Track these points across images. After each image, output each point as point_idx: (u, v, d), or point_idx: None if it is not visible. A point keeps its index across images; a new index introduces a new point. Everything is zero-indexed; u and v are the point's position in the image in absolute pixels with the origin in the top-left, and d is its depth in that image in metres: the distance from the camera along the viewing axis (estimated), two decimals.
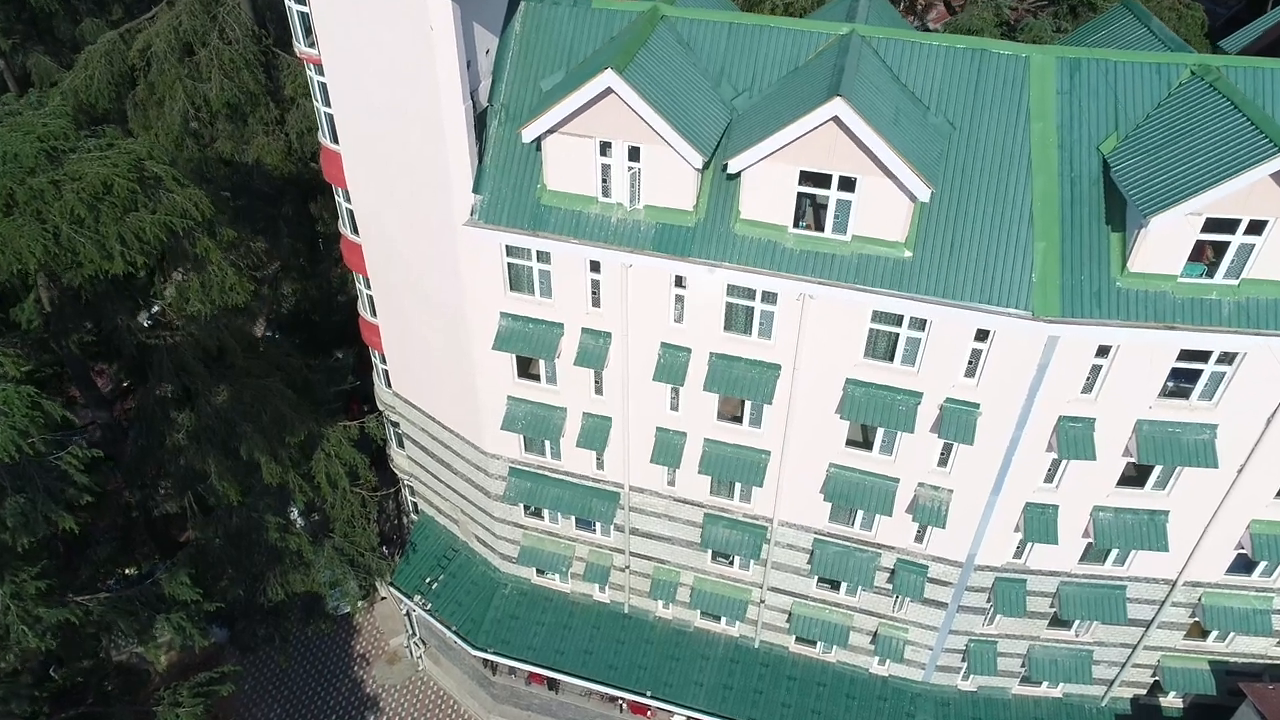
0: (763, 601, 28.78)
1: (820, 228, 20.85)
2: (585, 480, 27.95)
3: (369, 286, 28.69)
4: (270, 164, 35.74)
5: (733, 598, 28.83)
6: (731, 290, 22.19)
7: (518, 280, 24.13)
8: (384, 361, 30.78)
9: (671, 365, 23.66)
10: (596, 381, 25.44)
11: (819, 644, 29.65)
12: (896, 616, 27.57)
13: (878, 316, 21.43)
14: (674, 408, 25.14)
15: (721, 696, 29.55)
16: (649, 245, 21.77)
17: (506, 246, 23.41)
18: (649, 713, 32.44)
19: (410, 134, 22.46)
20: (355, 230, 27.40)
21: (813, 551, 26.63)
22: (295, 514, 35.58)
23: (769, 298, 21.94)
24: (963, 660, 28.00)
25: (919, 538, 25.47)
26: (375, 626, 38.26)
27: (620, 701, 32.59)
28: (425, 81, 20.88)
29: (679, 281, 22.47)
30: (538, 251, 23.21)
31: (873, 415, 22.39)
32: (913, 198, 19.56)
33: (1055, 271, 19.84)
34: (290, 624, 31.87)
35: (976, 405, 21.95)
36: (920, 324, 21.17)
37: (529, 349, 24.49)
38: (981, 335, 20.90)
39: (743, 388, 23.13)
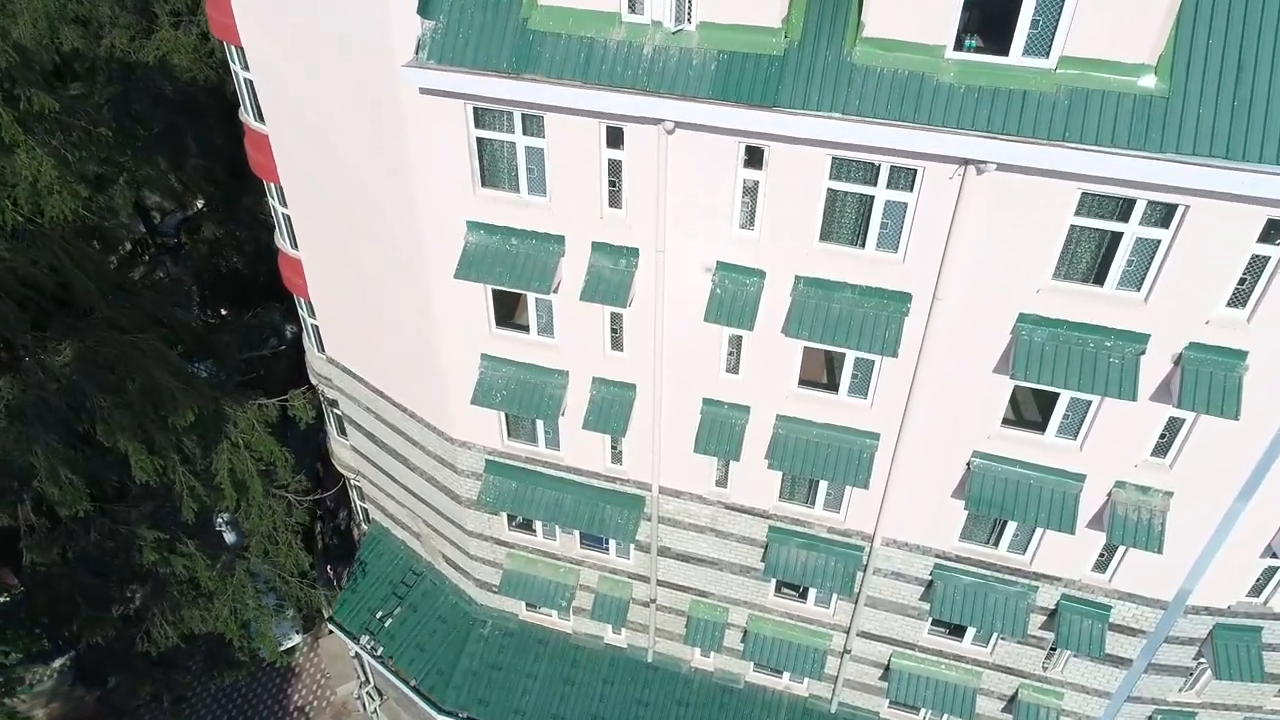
0: (847, 651, 20.21)
1: (1003, 48, 12.27)
2: (595, 479, 19.37)
3: (284, 201, 20.07)
4: (178, 66, 27.20)
5: (804, 645, 20.26)
6: (839, 170, 13.64)
7: (493, 168, 15.56)
8: (312, 314, 22.17)
9: (734, 298, 15.09)
10: (614, 330, 16.87)
11: (926, 712, 21.06)
12: (1049, 677, 19.00)
13: (1089, 204, 12.88)
14: (732, 368, 16.56)
15: None
16: (706, 90, 13.16)
17: (475, 110, 14.83)
18: None
19: None
20: (259, 115, 18.81)
21: (931, 583, 18.06)
22: (221, 524, 26.92)
23: (902, 178, 13.38)
24: None
25: (1101, 564, 16.90)
26: (320, 669, 29.60)
27: None
28: None
29: (754, 158, 13.90)
30: (524, 116, 14.64)
31: (1063, 373, 13.83)
32: None
33: None
34: (187, 676, 23.25)
35: (1242, 355, 13.40)
36: (1163, 214, 12.62)
37: (511, 277, 15.91)
38: (1273, 232, 12.38)
39: (849, 331, 14.54)
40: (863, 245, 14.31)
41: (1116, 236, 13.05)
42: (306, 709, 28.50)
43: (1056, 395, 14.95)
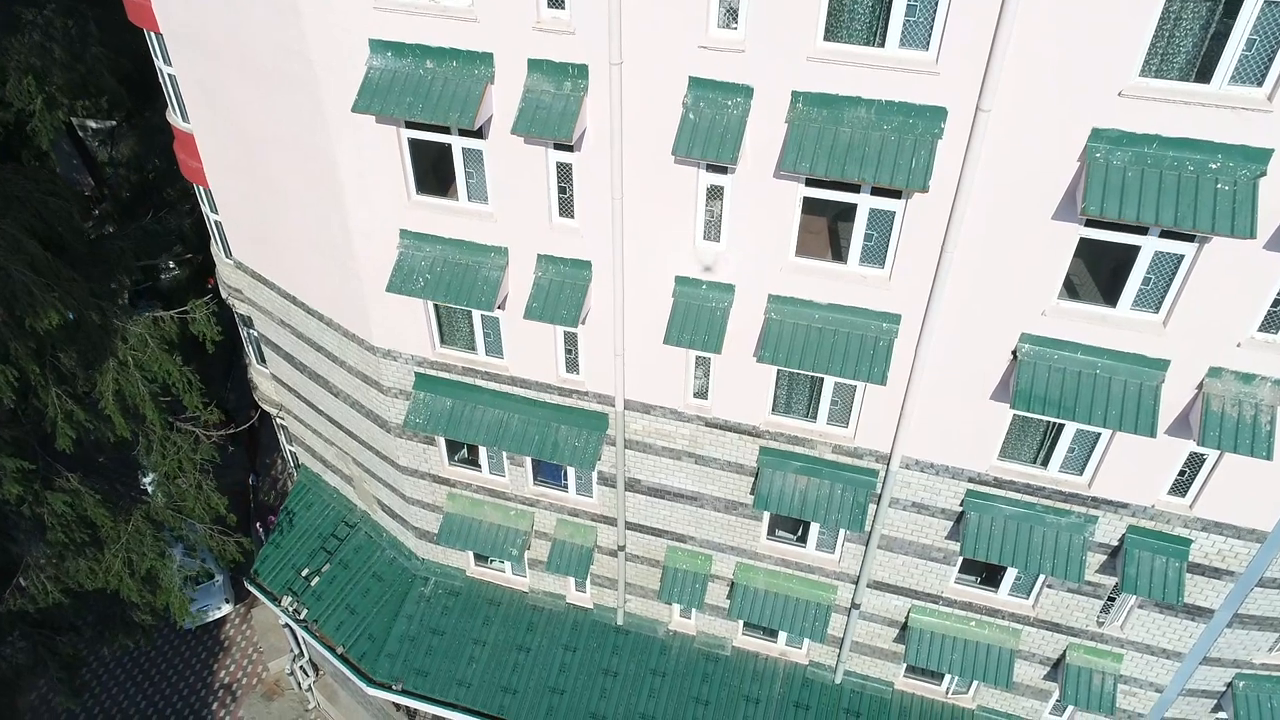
0: (856, 607, 16.62)
1: None
2: (547, 394, 15.78)
3: (168, 58, 16.44)
4: None
5: (803, 599, 16.67)
6: None
7: None
8: (215, 208, 18.55)
9: (713, 124, 11.46)
10: (561, 185, 13.26)
11: (950, 677, 17.48)
12: (1105, 634, 15.41)
13: None
14: (711, 235, 12.95)
15: None
16: None
17: None
18: None
19: None
20: None
21: (962, 515, 14.48)
22: (159, 500, 23.01)
23: None
24: (1215, 710, 15.90)
25: (1181, 485, 13.30)
26: (251, 643, 26.01)
27: None
28: None
29: None
30: None
31: (1153, 205, 10.22)
32: None
33: None
34: (72, 641, 19.62)
35: None
36: None
37: (426, 108, 12.27)
38: None
39: (863, 161, 10.93)
40: (882, 43, 10.71)
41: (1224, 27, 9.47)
42: (234, 686, 24.91)
43: (1133, 252, 11.34)
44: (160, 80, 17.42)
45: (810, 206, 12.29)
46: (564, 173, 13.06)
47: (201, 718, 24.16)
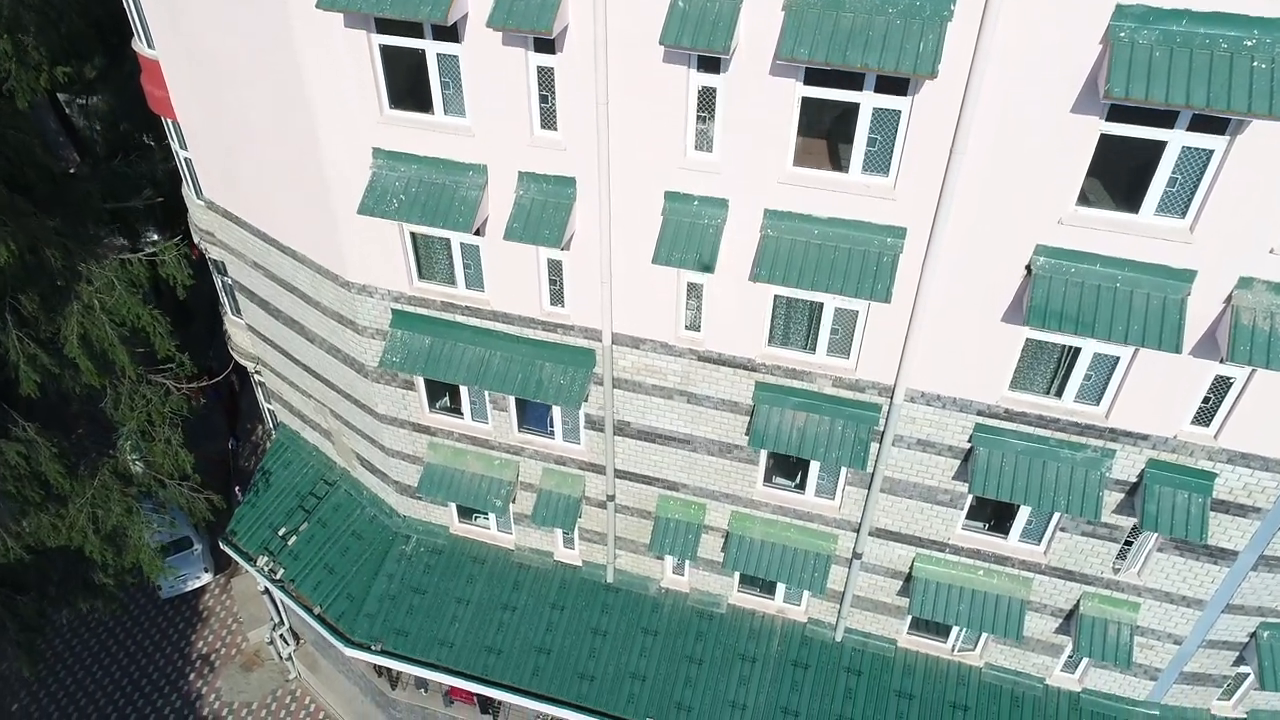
0: (858, 557, 15.77)
1: None
2: (530, 329, 14.93)
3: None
4: None
5: (802, 550, 15.82)
6: None
7: None
8: (183, 144, 17.69)
9: (703, 11, 10.60)
10: (543, 94, 12.39)
11: (956, 633, 16.64)
12: (1121, 581, 14.57)
13: None
14: (703, 145, 12.09)
15: None
16: None
17: None
18: None
19: None
20: None
21: (971, 451, 13.63)
22: (127, 454, 22.13)
23: None
24: (1237, 664, 15.07)
25: (1205, 413, 12.45)
26: (231, 613, 25.16)
27: None
28: None
29: None
30: None
31: (1183, 86, 9.37)
32: None
33: None
34: (35, 602, 18.73)
35: None
36: None
37: (390, 1, 11.39)
38: None
39: (867, 45, 10.06)
40: None
41: None
42: (211, 656, 24.04)
43: (1157, 150, 10.49)
44: (124, 6, 16.54)
45: (808, 116, 11.42)
46: (545, 79, 12.20)
47: (178, 689, 23.29)
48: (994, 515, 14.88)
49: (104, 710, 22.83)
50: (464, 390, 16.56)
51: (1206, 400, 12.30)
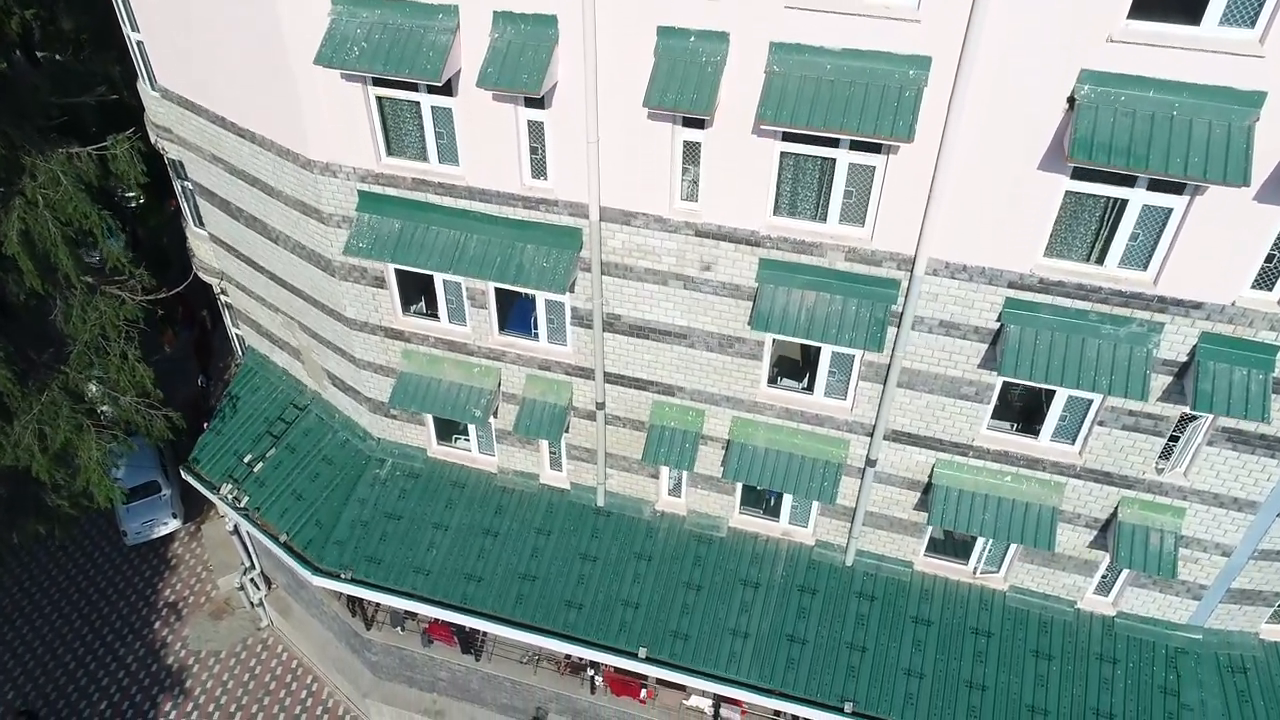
0: (871, 464, 14.34)
1: None
2: (510, 207, 13.49)
3: None
4: None
5: (810, 458, 14.38)
6: None
7: None
8: (134, 25, 16.26)
9: None
10: None
11: (980, 551, 15.21)
12: (1164, 483, 13.14)
13: None
14: None
15: (785, 661, 15.14)
16: None
17: None
18: (644, 690, 18.01)
19: None
20: None
21: (1001, 330, 12.21)
22: (78, 370, 20.45)
23: None
24: None
25: (1268, 276, 11.03)
26: (201, 561, 23.74)
27: (592, 673, 18.17)
28: None
29: None
30: None
31: None
32: None
33: None
34: None
35: None
36: None
37: None
38: None
39: None
40: None
41: None
42: (179, 605, 22.62)
43: None
44: None
45: None
46: None
47: (141, 637, 21.88)
48: (1023, 414, 13.45)
49: (63, 659, 21.42)
50: (440, 288, 15.13)
51: (1270, 258, 10.87)
